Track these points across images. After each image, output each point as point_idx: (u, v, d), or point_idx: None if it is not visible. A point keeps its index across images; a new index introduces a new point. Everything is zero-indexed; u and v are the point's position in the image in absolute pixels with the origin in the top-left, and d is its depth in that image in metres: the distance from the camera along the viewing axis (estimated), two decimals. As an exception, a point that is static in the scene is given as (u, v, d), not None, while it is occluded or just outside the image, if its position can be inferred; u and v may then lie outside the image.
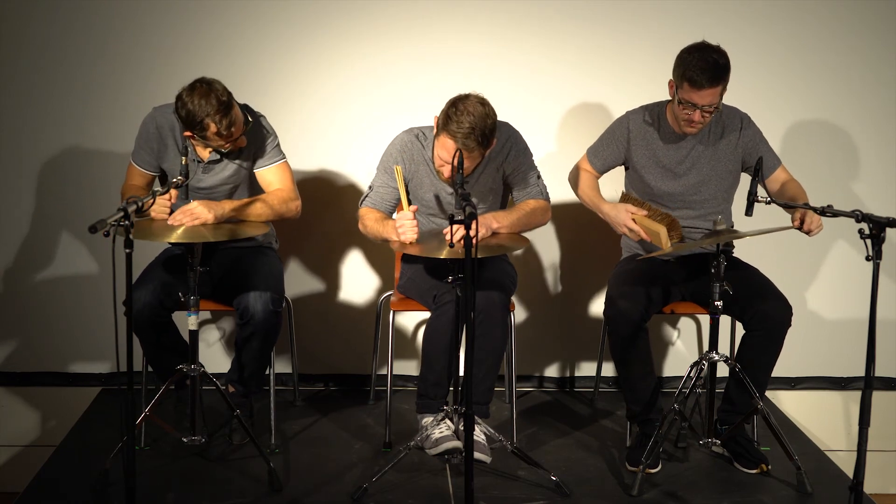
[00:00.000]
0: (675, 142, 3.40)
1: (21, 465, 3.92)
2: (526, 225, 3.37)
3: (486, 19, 3.92)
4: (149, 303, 3.22)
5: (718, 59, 3.19)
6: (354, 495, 3.10)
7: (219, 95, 3.10)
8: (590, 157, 3.54)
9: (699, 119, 3.26)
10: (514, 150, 3.37)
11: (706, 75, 3.16)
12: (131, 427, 2.63)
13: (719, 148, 3.41)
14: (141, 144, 3.39)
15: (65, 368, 4.08)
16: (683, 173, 3.41)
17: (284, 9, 3.89)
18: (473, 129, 3.09)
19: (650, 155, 3.42)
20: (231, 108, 3.14)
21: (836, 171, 4.04)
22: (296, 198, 3.41)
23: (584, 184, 3.53)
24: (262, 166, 3.39)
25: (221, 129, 3.12)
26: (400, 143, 3.37)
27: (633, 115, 3.47)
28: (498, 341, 3.27)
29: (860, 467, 2.68)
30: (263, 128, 3.39)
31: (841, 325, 4.12)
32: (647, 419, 3.36)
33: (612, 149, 3.48)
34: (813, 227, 3.14)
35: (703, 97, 3.20)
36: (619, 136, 3.46)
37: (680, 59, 3.24)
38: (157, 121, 3.34)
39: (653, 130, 3.42)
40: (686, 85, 3.20)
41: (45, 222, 3.97)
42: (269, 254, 3.55)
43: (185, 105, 3.10)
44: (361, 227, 3.38)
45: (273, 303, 3.27)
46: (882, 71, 3.98)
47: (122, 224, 2.54)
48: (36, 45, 3.86)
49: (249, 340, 3.33)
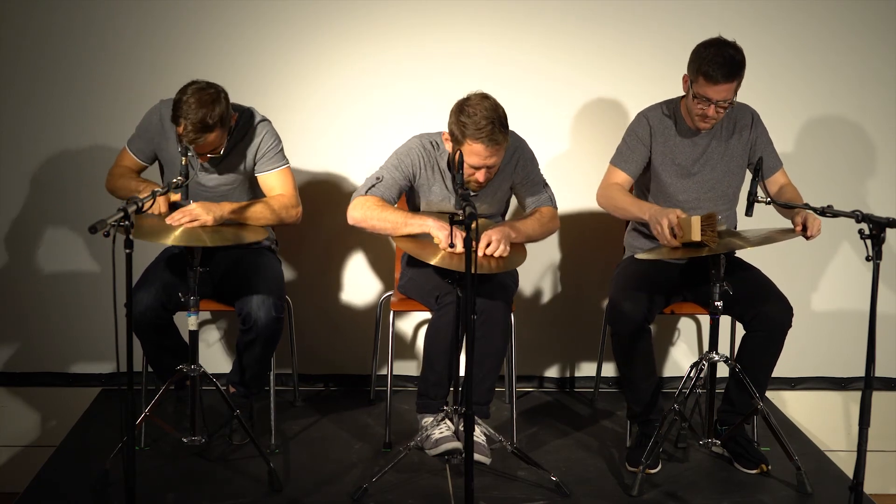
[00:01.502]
0: (691, 137, 3.40)
1: (21, 465, 3.92)
2: (541, 234, 3.39)
3: (487, 20, 3.92)
4: (151, 305, 3.22)
5: (735, 54, 3.19)
6: (354, 495, 3.10)
7: (208, 115, 3.08)
8: (619, 165, 3.43)
9: (713, 114, 3.26)
10: (521, 159, 3.38)
11: (722, 70, 3.17)
12: (131, 427, 2.63)
13: (731, 144, 3.41)
14: (140, 133, 3.39)
15: (65, 368, 4.08)
16: (697, 171, 3.41)
17: (284, 9, 3.89)
18: (493, 122, 3.10)
19: (667, 151, 3.41)
20: (208, 131, 3.10)
21: (838, 172, 4.05)
22: (297, 204, 3.41)
23: (619, 198, 3.37)
24: (263, 171, 3.38)
25: (185, 137, 3.09)
26: (419, 147, 3.35)
27: (650, 112, 3.45)
28: (499, 343, 3.27)
29: (860, 467, 2.68)
30: (268, 132, 3.38)
31: (841, 326, 4.12)
32: (647, 419, 3.36)
33: (638, 149, 3.42)
34: (814, 231, 3.13)
35: (718, 92, 3.20)
36: (642, 133, 3.42)
37: (696, 53, 3.24)
38: (162, 112, 3.33)
39: (671, 124, 3.42)
40: (701, 79, 3.20)
41: (45, 222, 3.97)
42: (269, 255, 3.54)
43: (183, 92, 3.11)
44: (361, 214, 3.26)
45: (276, 309, 3.26)
46: (883, 70, 3.98)
47: (122, 224, 2.53)
48: (36, 45, 3.86)
49: (251, 345, 3.32)
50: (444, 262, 3.08)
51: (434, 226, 3.20)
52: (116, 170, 3.42)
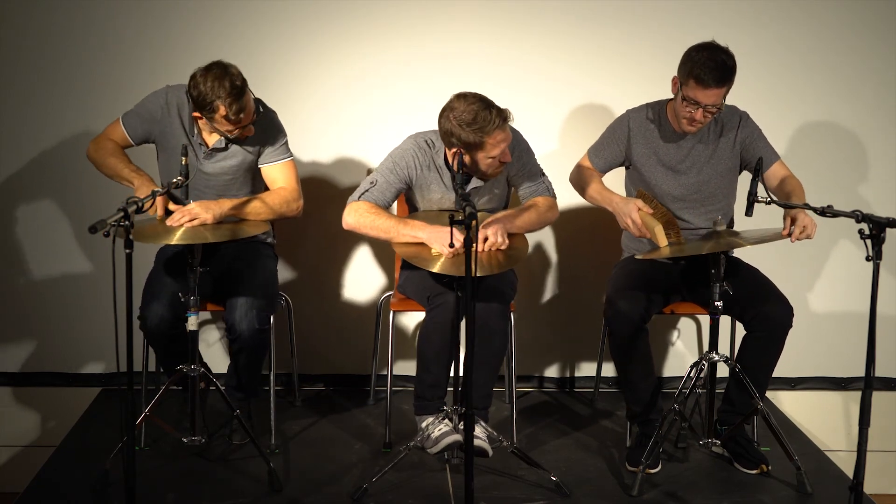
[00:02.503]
0: (676, 140, 3.40)
1: (21, 465, 3.91)
2: (538, 223, 3.37)
3: (487, 20, 3.92)
4: (165, 317, 3.20)
5: (727, 60, 3.18)
6: (354, 495, 3.10)
7: (233, 79, 3.09)
8: (591, 157, 3.52)
9: (700, 118, 3.26)
10: (517, 150, 3.36)
11: (714, 75, 3.16)
12: (131, 427, 2.63)
13: (719, 146, 3.41)
14: (140, 112, 3.35)
15: (65, 368, 4.08)
16: (685, 171, 3.41)
17: (284, 9, 3.89)
18: (489, 107, 3.11)
19: (650, 153, 3.42)
20: (243, 94, 3.11)
21: (840, 172, 4.04)
22: (298, 198, 3.40)
23: (589, 181, 3.47)
24: (268, 162, 3.38)
25: (230, 114, 3.09)
26: (413, 148, 3.34)
27: (634, 114, 3.46)
28: (497, 349, 3.26)
29: (860, 467, 2.68)
30: (275, 124, 3.38)
31: (841, 326, 4.12)
32: (647, 419, 3.36)
33: (612, 147, 3.47)
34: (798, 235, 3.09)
35: (708, 97, 3.20)
36: (620, 134, 3.45)
37: (688, 56, 3.23)
38: (168, 98, 3.31)
39: (654, 128, 3.42)
40: (692, 82, 3.19)
41: (45, 222, 3.97)
42: (264, 251, 3.53)
43: (197, 85, 3.10)
44: (354, 220, 3.27)
45: (259, 320, 3.23)
46: (884, 71, 3.98)
47: (122, 224, 2.53)
48: (36, 44, 3.86)
49: (238, 354, 3.32)
50: (444, 269, 3.08)
51: (427, 236, 3.19)
52: (105, 143, 3.34)
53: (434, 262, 3.11)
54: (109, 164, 3.30)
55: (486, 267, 3.10)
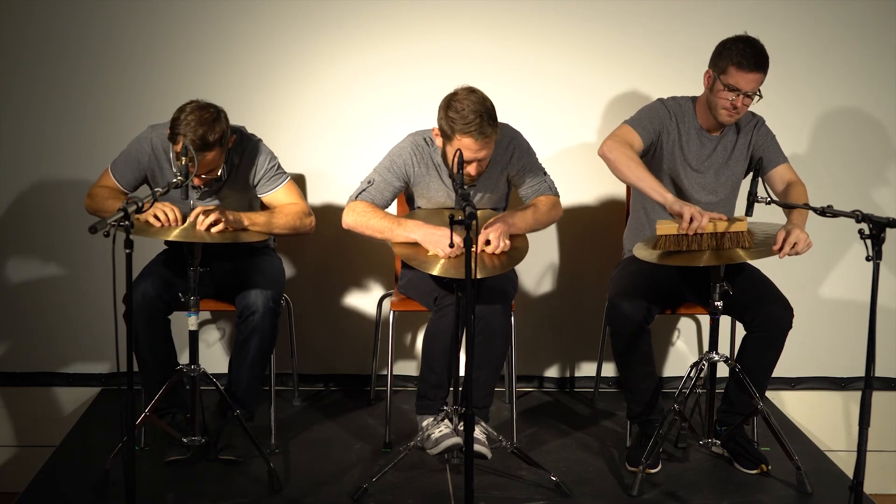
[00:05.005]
0: (700, 139, 3.41)
1: (21, 465, 3.92)
2: (541, 223, 3.36)
3: (487, 20, 3.92)
4: (147, 293, 3.19)
5: (763, 48, 3.26)
6: (354, 495, 3.10)
7: (209, 132, 3.04)
8: (635, 127, 3.33)
9: (741, 105, 3.28)
10: (517, 150, 3.36)
11: (753, 60, 3.23)
12: (131, 427, 2.62)
13: (735, 149, 3.43)
14: (127, 160, 3.31)
15: (65, 368, 4.08)
16: (703, 171, 3.42)
17: (283, 9, 3.89)
18: (481, 115, 3.08)
19: (677, 145, 3.40)
20: (209, 149, 3.06)
21: (840, 172, 4.04)
22: (310, 213, 3.39)
23: (634, 161, 3.21)
24: (268, 191, 3.36)
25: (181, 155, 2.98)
26: (411, 146, 3.33)
27: (669, 101, 3.44)
28: (498, 349, 3.26)
29: (860, 467, 2.68)
30: (259, 151, 3.34)
31: (841, 326, 4.12)
32: (647, 419, 3.36)
33: (655, 123, 3.36)
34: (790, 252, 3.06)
35: (749, 81, 3.24)
36: (662, 113, 3.40)
37: (723, 46, 3.29)
38: (153, 141, 3.27)
39: (687, 120, 3.42)
40: (733, 69, 3.23)
41: (45, 222, 3.97)
42: (269, 254, 3.55)
43: (182, 110, 3.07)
44: (352, 219, 3.27)
45: (274, 301, 3.26)
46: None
47: (122, 224, 2.53)
48: (36, 46, 3.86)
49: (247, 343, 3.28)
50: (442, 271, 3.07)
51: (421, 237, 3.18)
52: (100, 190, 3.31)
53: (430, 262, 3.11)
54: (108, 206, 3.22)
55: (488, 268, 3.10)
